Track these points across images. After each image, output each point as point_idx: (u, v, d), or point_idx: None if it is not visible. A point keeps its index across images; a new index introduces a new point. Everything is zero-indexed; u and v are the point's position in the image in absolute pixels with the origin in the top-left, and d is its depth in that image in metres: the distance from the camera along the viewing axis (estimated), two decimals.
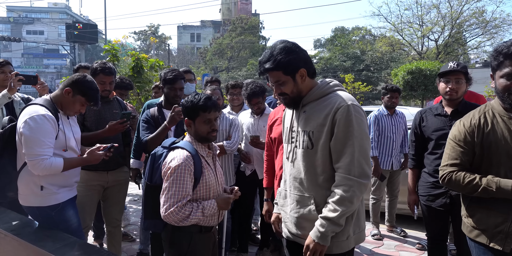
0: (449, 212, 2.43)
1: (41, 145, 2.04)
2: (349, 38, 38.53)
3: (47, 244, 1.98)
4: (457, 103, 2.48)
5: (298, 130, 1.78)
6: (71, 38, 25.30)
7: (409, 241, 3.92)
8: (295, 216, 1.78)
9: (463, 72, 2.45)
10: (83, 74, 2.28)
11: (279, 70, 1.69)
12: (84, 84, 2.21)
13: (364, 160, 1.63)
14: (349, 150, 1.61)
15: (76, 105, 2.24)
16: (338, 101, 1.66)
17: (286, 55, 1.67)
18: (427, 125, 2.57)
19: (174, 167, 1.86)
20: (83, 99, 2.23)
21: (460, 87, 2.45)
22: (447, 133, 2.34)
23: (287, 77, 1.71)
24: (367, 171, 1.62)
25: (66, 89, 2.20)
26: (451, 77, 2.46)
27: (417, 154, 2.65)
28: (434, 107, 2.62)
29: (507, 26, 25.14)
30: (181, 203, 1.84)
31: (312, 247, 1.64)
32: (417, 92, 16.53)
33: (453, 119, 2.43)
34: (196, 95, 2.00)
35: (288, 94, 1.75)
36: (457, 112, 2.44)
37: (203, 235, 1.98)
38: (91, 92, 2.23)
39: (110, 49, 5.66)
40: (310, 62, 1.74)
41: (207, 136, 1.99)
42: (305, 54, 1.73)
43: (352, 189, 1.59)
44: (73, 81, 2.21)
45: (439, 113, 2.54)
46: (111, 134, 2.71)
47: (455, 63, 2.50)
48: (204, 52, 44.45)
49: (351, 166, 1.60)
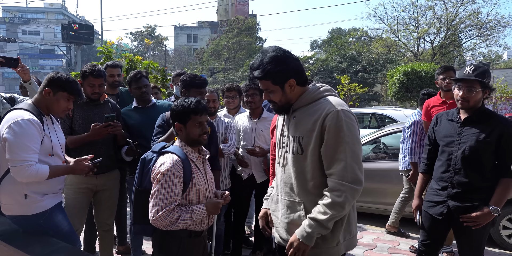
0: (447, 221, 2.35)
1: (26, 150, 1.99)
2: (346, 40, 38.63)
3: (35, 250, 1.98)
4: (473, 111, 2.29)
5: (288, 135, 1.78)
6: (67, 39, 25.17)
7: (403, 243, 3.93)
8: (285, 222, 1.78)
9: (477, 80, 2.20)
10: (56, 71, 2.28)
11: (267, 79, 1.69)
12: (60, 79, 2.19)
13: (357, 166, 1.62)
14: (341, 156, 1.60)
15: (61, 103, 2.20)
16: (327, 107, 1.66)
17: (275, 65, 1.66)
18: (438, 129, 2.46)
19: (164, 171, 1.86)
20: (65, 94, 2.20)
21: (472, 96, 2.23)
22: (454, 141, 2.32)
23: (276, 87, 1.71)
24: (360, 177, 1.62)
25: (45, 90, 2.17)
26: (463, 84, 2.26)
27: (429, 158, 2.56)
28: (451, 112, 2.46)
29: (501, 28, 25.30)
30: (170, 208, 1.84)
31: (295, 245, 1.65)
32: (412, 94, 16.59)
33: (464, 126, 2.30)
34: (186, 99, 2.00)
35: (276, 102, 1.76)
36: (471, 120, 2.29)
37: (192, 240, 1.98)
38: (69, 84, 2.20)
39: (104, 51, 5.65)
40: (300, 71, 1.73)
41: (198, 139, 1.99)
42: (295, 63, 1.71)
43: (344, 194, 1.59)
44: (48, 81, 2.19)
45: (452, 119, 2.40)
46: (96, 138, 2.71)
47: (473, 67, 2.24)
48: (201, 53, 44.40)
49: (344, 172, 1.60)
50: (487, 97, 2.32)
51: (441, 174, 2.39)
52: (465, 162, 2.26)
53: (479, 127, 2.26)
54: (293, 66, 1.70)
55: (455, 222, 2.32)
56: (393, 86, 17.22)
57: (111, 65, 3.73)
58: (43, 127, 2.12)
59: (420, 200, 2.59)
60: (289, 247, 1.67)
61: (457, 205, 2.28)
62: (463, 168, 2.27)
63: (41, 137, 2.09)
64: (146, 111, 3.16)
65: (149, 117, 3.01)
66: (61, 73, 2.25)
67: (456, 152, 2.30)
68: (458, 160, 2.28)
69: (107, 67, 3.68)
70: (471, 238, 2.31)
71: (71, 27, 25.07)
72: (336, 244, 1.69)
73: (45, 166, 2.06)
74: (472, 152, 2.23)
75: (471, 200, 2.24)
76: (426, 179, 2.59)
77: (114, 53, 5.88)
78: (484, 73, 2.23)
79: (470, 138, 2.26)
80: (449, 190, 2.32)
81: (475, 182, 2.25)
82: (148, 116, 3.07)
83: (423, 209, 2.51)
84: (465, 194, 2.26)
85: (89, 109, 2.87)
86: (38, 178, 2.02)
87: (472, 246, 2.32)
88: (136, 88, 3.15)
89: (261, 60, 1.69)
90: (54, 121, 2.34)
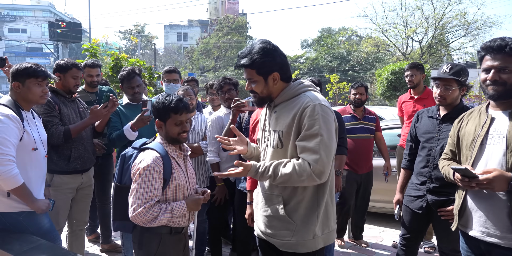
0: (427, 215, 2.41)
1: (6, 144, 1.98)
2: (335, 39, 38.83)
3: (14, 247, 1.95)
4: (452, 107, 2.39)
5: (269, 129, 1.81)
6: (54, 37, 24.74)
7: (386, 239, 3.98)
8: (264, 215, 1.80)
9: (454, 79, 2.29)
10: (15, 65, 2.26)
11: (253, 68, 1.73)
12: (19, 69, 2.19)
13: (327, 160, 1.64)
14: (315, 148, 1.62)
15: (33, 90, 2.19)
16: (306, 101, 1.69)
17: (262, 56, 1.70)
18: (419, 126, 2.53)
19: (143, 168, 1.86)
20: (33, 80, 2.19)
21: (448, 94, 2.31)
22: (433, 137, 2.39)
23: (259, 77, 1.74)
24: (326, 173, 1.64)
25: (13, 84, 2.19)
26: (440, 82, 2.34)
27: (411, 154, 2.61)
28: (432, 109, 2.54)
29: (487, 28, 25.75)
30: (149, 204, 1.84)
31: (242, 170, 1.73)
32: (400, 92, 16.74)
33: (443, 123, 2.38)
34: (168, 96, 1.99)
35: (257, 93, 1.78)
36: (449, 117, 2.35)
37: (173, 237, 1.98)
38: (31, 69, 2.19)
39: (89, 49, 5.60)
40: (286, 67, 1.77)
41: (177, 138, 1.99)
42: (282, 58, 1.76)
43: (306, 173, 1.61)
44: (12, 76, 2.20)
45: (432, 115, 2.48)
46: (98, 119, 2.72)
47: (449, 66, 2.32)
48: (191, 51, 44.17)
49: (315, 163, 1.61)
50: (464, 94, 2.41)
51: (420, 169, 2.45)
52: None
53: None
54: (280, 60, 1.74)
55: (434, 216, 2.37)
56: (381, 85, 17.38)
57: (90, 64, 3.56)
58: (23, 123, 2.12)
59: (401, 195, 2.65)
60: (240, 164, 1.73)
61: (435, 199, 2.34)
62: None
63: (20, 133, 2.08)
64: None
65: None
66: (19, 64, 2.24)
67: (435, 148, 2.36)
68: (437, 155, 2.33)
69: (85, 67, 3.52)
70: (449, 232, 2.35)
71: (59, 25, 24.64)
72: (313, 237, 1.71)
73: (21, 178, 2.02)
74: None
75: (448, 194, 2.28)
76: (408, 174, 2.64)
77: (99, 50, 5.83)
78: (460, 72, 2.31)
79: (448, 134, 2.31)
80: (428, 185, 2.38)
81: None
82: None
83: (403, 204, 2.57)
84: (442, 188, 2.32)
85: (69, 104, 2.81)
86: (11, 179, 1.98)
87: (450, 239, 2.37)
88: (129, 87, 3.05)
89: (250, 49, 1.74)
90: (35, 116, 2.32)
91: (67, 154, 2.66)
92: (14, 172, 1.98)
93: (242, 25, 42.66)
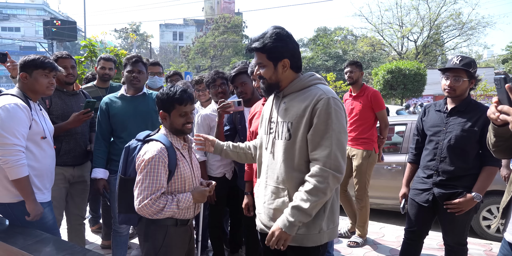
0: (433, 209, 2.40)
1: (15, 134, 1.99)
2: (331, 38, 38.93)
3: (18, 241, 1.93)
4: (460, 101, 2.36)
5: (277, 121, 1.77)
6: (49, 35, 24.49)
7: (387, 234, 3.99)
8: (269, 208, 1.77)
9: (464, 70, 2.27)
10: (23, 56, 2.26)
11: (264, 52, 1.70)
12: (27, 60, 2.21)
13: (340, 154, 1.63)
14: (327, 143, 1.61)
15: (40, 81, 2.20)
16: (318, 94, 1.66)
17: (275, 40, 1.68)
18: (426, 119, 2.52)
19: (148, 159, 1.83)
20: (40, 71, 2.20)
21: (458, 85, 2.30)
22: (440, 131, 2.38)
23: (269, 62, 1.72)
24: (342, 165, 1.63)
25: (21, 75, 2.20)
26: (450, 74, 2.32)
27: (417, 148, 2.60)
28: (439, 102, 2.53)
29: (482, 28, 25.97)
30: (155, 196, 1.81)
31: (277, 234, 1.63)
32: (396, 91, 16.86)
33: (451, 116, 2.36)
34: (172, 87, 1.97)
35: (266, 79, 1.76)
36: (457, 110, 2.35)
37: (178, 229, 1.95)
38: (39, 61, 2.20)
39: (88, 45, 5.55)
40: (297, 56, 1.75)
41: (182, 129, 1.97)
42: (294, 46, 1.73)
43: (326, 180, 1.59)
44: (20, 66, 2.22)
45: (439, 109, 2.47)
46: (76, 125, 2.67)
47: (459, 58, 2.32)
48: (187, 51, 44.06)
49: (328, 159, 1.60)
50: (473, 87, 2.38)
51: (427, 163, 2.44)
52: (450, 151, 2.31)
53: (464, 117, 2.31)
54: (292, 48, 1.72)
55: (440, 209, 2.36)
56: (378, 84, 17.45)
57: (105, 58, 3.66)
58: (31, 112, 2.13)
59: (407, 188, 2.64)
60: (270, 237, 1.65)
61: (442, 192, 2.33)
62: (448, 156, 2.32)
63: (29, 121, 2.10)
64: (133, 101, 2.80)
65: (135, 107, 2.75)
66: (27, 56, 2.25)
67: (443, 141, 2.35)
68: (444, 148, 2.33)
69: (101, 59, 3.63)
70: (455, 224, 2.36)
71: (53, 23, 24.39)
72: (319, 231, 1.69)
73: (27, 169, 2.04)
74: (457, 141, 2.29)
75: (454, 187, 2.28)
76: (414, 168, 2.63)
77: (98, 47, 5.78)
78: (471, 63, 2.29)
79: (456, 127, 2.31)
80: (434, 178, 2.37)
81: (459, 170, 2.29)
82: (134, 106, 2.76)
83: (409, 197, 2.56)
84: (449, 181, 2.31)
85: (67, 98, 2.81)
86: (17, 169, 1.98)
87: (455, 232, 2.37)
88: (128, 71, 2.77)
89: (264, 33, 1.71)
90: (41, 108, 2.35)
91: (57, 147, 2.62)
92: (21, 162, 2.00)
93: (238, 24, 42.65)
